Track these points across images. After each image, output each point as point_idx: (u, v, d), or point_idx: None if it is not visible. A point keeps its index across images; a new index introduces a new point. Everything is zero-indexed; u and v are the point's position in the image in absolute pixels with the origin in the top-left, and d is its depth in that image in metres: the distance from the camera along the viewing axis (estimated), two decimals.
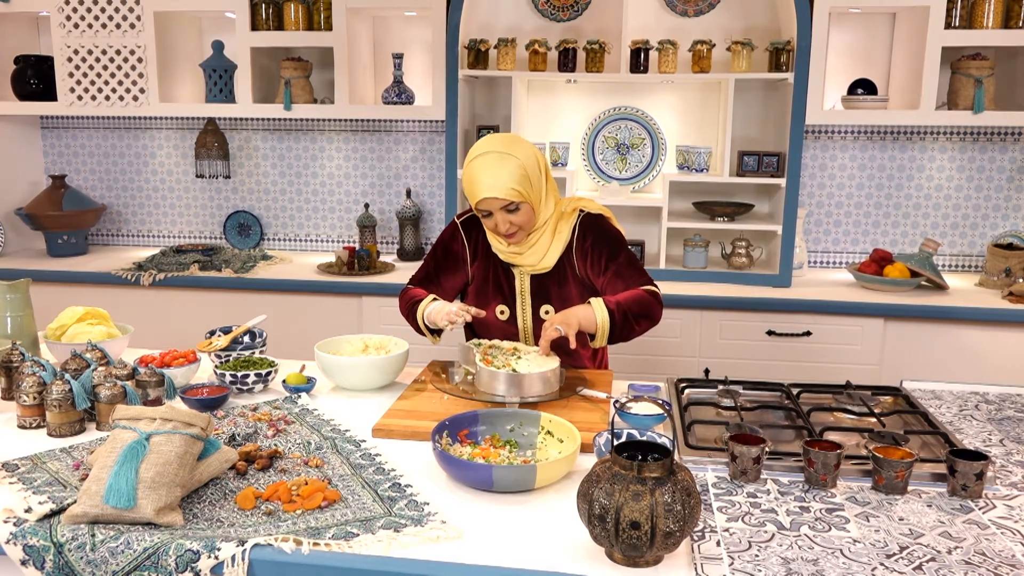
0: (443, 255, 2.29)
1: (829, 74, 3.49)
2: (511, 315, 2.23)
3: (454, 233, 2.28)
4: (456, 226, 2.28)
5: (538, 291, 2.22)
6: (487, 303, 2.25)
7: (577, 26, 3.60)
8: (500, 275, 2.24)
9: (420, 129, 3.82)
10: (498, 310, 2.24)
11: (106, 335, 2.21)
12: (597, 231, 2.18)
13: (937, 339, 3.11)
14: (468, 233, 2.27)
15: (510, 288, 2.23)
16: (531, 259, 2.18)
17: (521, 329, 2.24)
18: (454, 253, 2.27)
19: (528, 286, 2.22)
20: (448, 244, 2.29)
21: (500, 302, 2.24)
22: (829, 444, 1.61)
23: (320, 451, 1.71)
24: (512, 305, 2.23)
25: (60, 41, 3.60)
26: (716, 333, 3.21)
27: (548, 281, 2.21)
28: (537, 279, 2.21)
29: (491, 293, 2.24)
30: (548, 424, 1.74)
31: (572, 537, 1.39)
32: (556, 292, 2.21)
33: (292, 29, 3.52)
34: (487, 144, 2.09)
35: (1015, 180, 3.53)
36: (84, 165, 4.09)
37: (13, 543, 1.37)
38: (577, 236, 2.18)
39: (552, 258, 2.18)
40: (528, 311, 2.23)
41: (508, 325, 2.24)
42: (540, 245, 2.17)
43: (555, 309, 2.20)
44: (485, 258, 2.25)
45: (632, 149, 3.66)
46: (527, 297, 2.22)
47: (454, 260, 2.28)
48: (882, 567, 1.30)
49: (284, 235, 4.02)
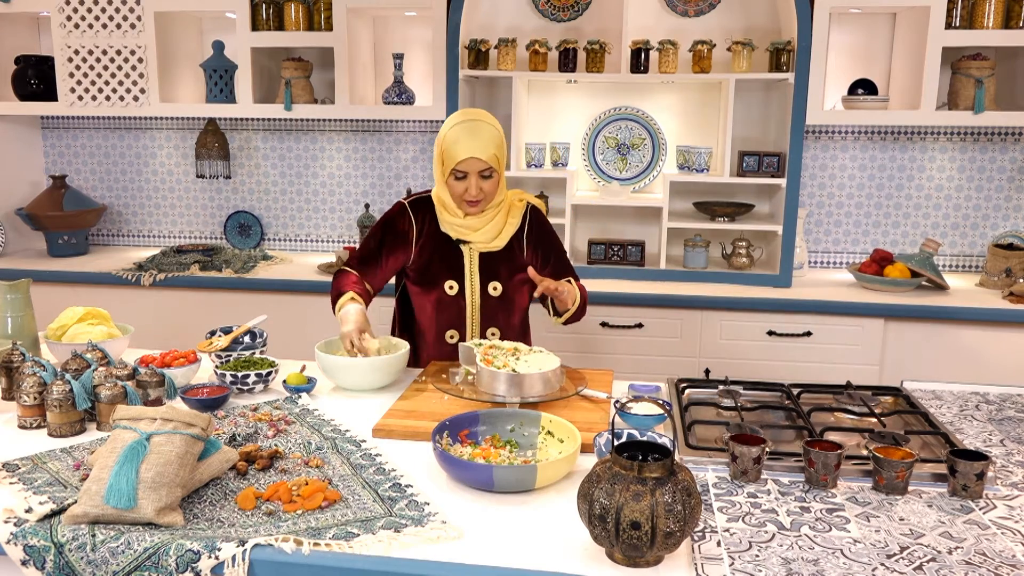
0: (387, 234, 2.34)
1: (829, 74, 3.49)
2: (459, 290, 2.32)
3: (402, 212, 2.34)
4: (404, 206, 2.34)
5: (486, 268, 2.32)
6: (435, 279, 2.32)
7: (577, 26, 3.60)
8: (448, 253, 2.32)
9: (420, 129, 3.82)
10: (447, 285, 2.31)
11: (106, 335, 2.21)
12: (543, 224, 2.40)
13: (937, 339, 3.11)
14: (416, 214, 2.33)
15: (458, 265, 2.32)
16: (485, 236, 2.29)
17: (469, 303, 2.33)
18: (400, 232, 2.33)
19: (477, 263, 2.32)
20: (394, 223, 2.34)
21: (449, 278, 2.31)
22: (830, 444, 1.61)
23: (320, 451, 1.71)
24: (460, 281, 2.31)
25: (60, 41, 3.60)
26: (716, 333, 3.21)
27: (497, 260, 2.33)
28: (486, 258, 2.32)
29: (439, 270, 2.32)
30: (548, 424, 1.74)
31: (572, 537, 1.39)
32: (505, 272, 2.33)
33: (292, 29, 3.52)
34: (466, 113, 2.25)
35: (1015, 180, 3.53)
36: (85, 165, 4.09)
37: (13, 543, 1.37)
38: (529, 224, 2.36)
39: (505, 238, 2.31)
40: (476, 287, 2.32)
41: (457, 298, 2.32)
42: (496, 223, 2.30)
43: (502, 286, 2.32)
44: (431, 238, 2.32)
45: (632, 149, 3.66)
46: (475, 274, 2.32)
47: (398, 239, 2.33)
48: (882, 567, 1.30)
49: (284, 235, 4.02)
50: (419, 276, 2.34)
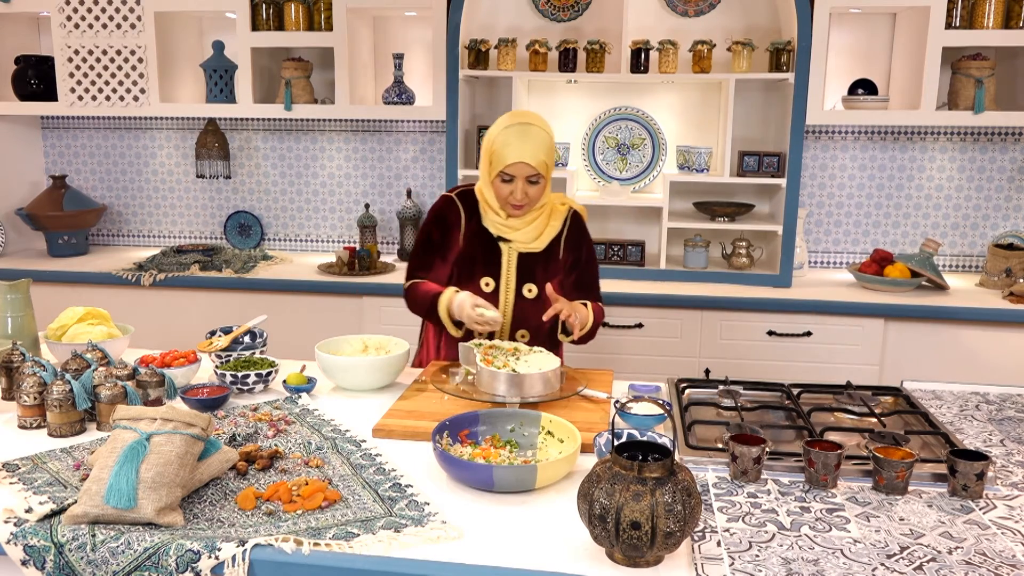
0: (441, 228, 2.33)
1: (829, 74, 3.49)
2: (495, 288, 2.31)
3: (450, 204, 2.33)
4: (452, 198, 2.34)
5: (524, 269, 2.30)
6: (473, 274, 2.31)
7: (577, 26, 3.60)
8: (488, 249, 2.31)
9: (420, 129, 3.83)
10: (483, 282, 2.30)
11: (107, 335, 2.21)
12: (582, 232, 2.38)
13: (937, 339, 3.11)
14: (464, 204, 2.33)
15: (496, 263, 2.31)
16: (526, 236, 2.28)
17: (503, 302, 2.32)
18: (451, 223, 2.32)
19: (515, 263, 2.30)
20: (445, 216, 2.33)
21: (487, 274, 2.31)
22: (830, 444, 1.61)
23: (320, 451, 1.71)
24: (497, 279, 2.31)
25: (60, 41, 3.60)
26: (717, 333, 3.21)
27: (535, 261, 2.31)
28: (524, 258, 2.30)
29: (478, 266, 2.31)
30: (548, 424, 1.74)
31: (572, 537, 1.39)
32: (542, 273, 2.31)
33: (292, 29, 3.52)
34: (519, 116, 2.23)
35: (1015, 180, 3.53)
36: (85, 165, 4.09)
37: (13, 543, 1.37)
38: (569, 227, 2.34)
39: (546, 240, 2.30)
40: (512, 286, 2.31)
41: (491, 296, 2.30)
42: (538, 224, 2.29)
43: (538, 288, 2.30)
44: (476, 233, 2.31)
45: (632, 149, 3.66)
46: (512, 273, 2.31)
47: (452, 230, 2.33)
48: (882, 567, 1.30)
49: (284, 235, 4.02)
50: (459, 269, 2.33)
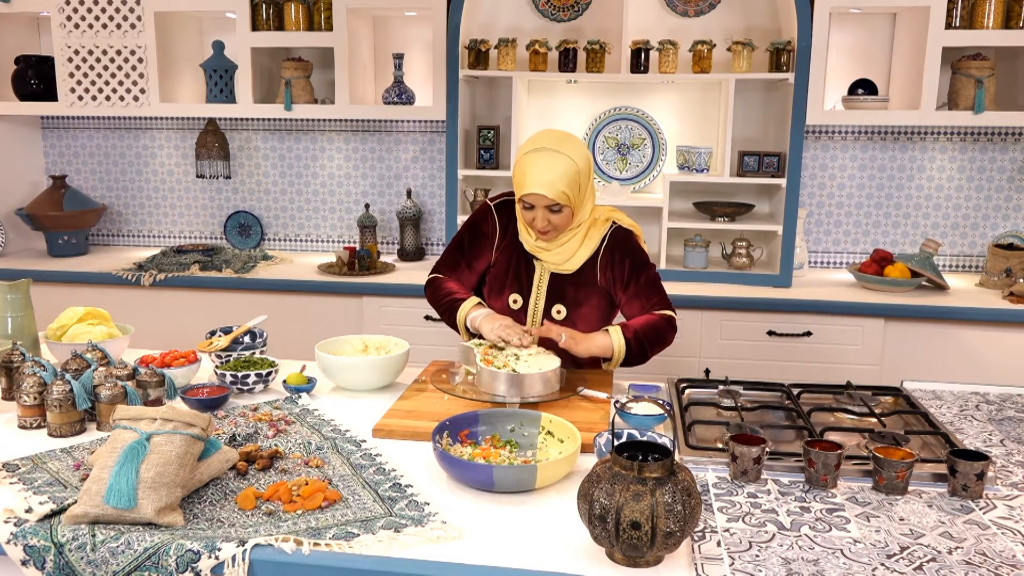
0: (474, 236, 2.30)
1: (829, 74, 3.49)
2: (523, 305, 2.25)
3: (486, 215, 2.29)
4: (489, 207, 2.30)
5: (555, 289, 2.23)
6: (503, 289, 2.27)
7: (577, 26, 3.60)
8: (521, 265, 2.26)
9: (420, 129, 3.82)
10: (511, 298, 2.25)
11: (107, 335, 2.21)
12: (625, 246, 2.21)
13: (937, 339, 3.10)
14: (500, 216, 2.28)
15: (528, 280, 2.25)
16: (557, 258, 2.20)
17: (529, 322, 2.25)
18: (484, 234, 2.29)
19: (546, 282, 2.24)
20: (479, 225, 2.30)
21: (516, 291, 2.25)
22: (830, 444, 1.61)
23: (320, 451, 1.71)
24: (527, 297, 2.25)
25: (60, 41, 3.60)
26: (717, 333, 3.21)
27: (567, 282, 2.23)
28: (556, 278, 2.23)
29: (509, 281, 2.26)
30: (548, 424, 1.74)
31: (572, 537, 1.39)
32: (572, 295, 2.22)
33: (292, 29, 3.52)
34: (545, 139, 2.11)
35: (1016, 180, 3.53)
36: (84, 165, 4.09)
37: (13, 543, 1.37)
38: (606, 246, 2.21)
39: (577, 262, 2.20)
40: (540, 306, 2.24)
41: (519, 314, 2.25)
42: (569, 246, 2.19)
43: (567, 311, 2.22)
44: (510, 246, 2.27)
45: (632, 149, 3.66)
46: (542, 293, 2.24)
47: (483, 241, 2.29)
48: (883, 567, 1.30)
49: (284, 235, 4.02)
50: (491, 281, 2.29)
